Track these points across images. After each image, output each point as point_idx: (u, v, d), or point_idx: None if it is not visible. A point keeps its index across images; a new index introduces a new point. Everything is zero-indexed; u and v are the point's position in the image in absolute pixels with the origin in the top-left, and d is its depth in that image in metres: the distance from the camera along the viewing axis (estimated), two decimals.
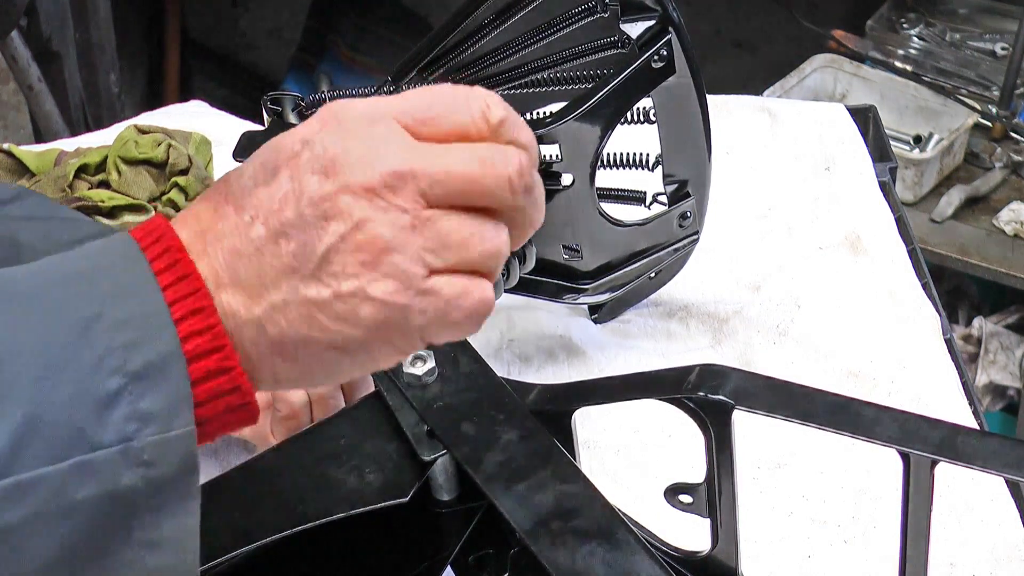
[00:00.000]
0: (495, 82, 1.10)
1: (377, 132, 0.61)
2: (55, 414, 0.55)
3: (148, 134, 1.28)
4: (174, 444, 0.57)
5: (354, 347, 0.61)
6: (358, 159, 0.60)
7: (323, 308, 0.60)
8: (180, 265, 0.59)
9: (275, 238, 0.60)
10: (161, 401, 0.57)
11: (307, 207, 0.60)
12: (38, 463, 0.54)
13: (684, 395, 0.77)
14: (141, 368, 0.56)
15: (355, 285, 0.60)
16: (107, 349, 0.56)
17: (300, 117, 1.08)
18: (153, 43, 3.24)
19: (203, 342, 0.58)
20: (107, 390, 0.56)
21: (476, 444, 0.77)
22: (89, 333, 0.56)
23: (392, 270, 0.60)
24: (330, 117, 0.63)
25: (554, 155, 0.98)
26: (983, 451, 0.70)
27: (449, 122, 0.62)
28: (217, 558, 0.74)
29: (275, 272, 0.60)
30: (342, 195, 0.59)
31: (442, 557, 0.79)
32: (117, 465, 0.56)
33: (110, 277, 0.58)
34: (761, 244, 1.29)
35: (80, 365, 0.56)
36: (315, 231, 0.59)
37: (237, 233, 0.60)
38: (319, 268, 0.60)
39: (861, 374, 1.14)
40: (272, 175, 0.61)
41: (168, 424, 0.57)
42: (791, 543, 1.00)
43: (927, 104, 2.37)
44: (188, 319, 0.58)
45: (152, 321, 0.57)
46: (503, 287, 1.02)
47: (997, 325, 2.34)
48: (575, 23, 1.05)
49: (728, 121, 1.43)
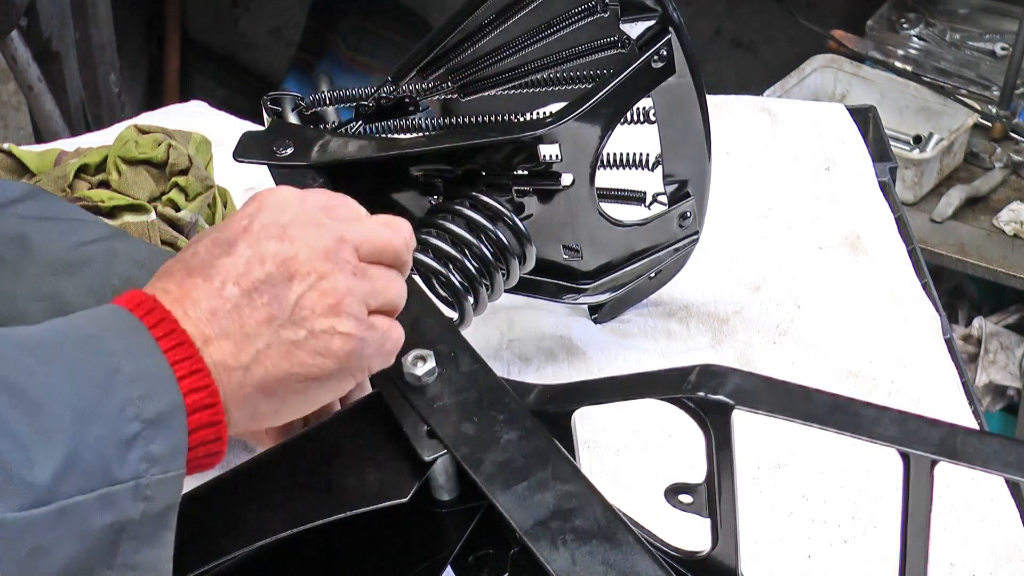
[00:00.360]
0: (495, 82, 1.10)
1: (309, 208, 0.77)
2: (89, 451, 0.64)
3: (148, 134, 1.27)
4: (169, 483, 0.67)
5: (327, 377, 0.75)
6: (306, 225, 0.75)
7: (301, 346, 0.73)
8: (176, 333, 0.70)
9: (249, 295, 0.72)
10: (166, 446, 0.67)
11: (272, 266, 0.73)
12: (74, 492, 0.63)
13: (684, 395, 0.77)
14: (154, 416, 0.66)
15: (327, 324, 0.74)
16: (126, 399, 0.66)
17: (300, 117, 1.08)
18: (153, 43, 3.24)
19: (200, 398, 0.69)
20: (128, 433, 0.65)
21: (476, 444, 0.77)
22: (110, 384, 0.66)
23: (350, 310, 0.75)
24: (266, 198, 0.77)
25: (554, 155, 0.98)
26: (983, 451, 0.71)
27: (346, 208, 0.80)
28: (217, 558, 0.74)
29: (255, 322, 0.72)
30: (302, 256, 0.74)
31: (442, 557, 0.79)
32: (128, 498, 0.65)
33: (120, 339, 0.68)
34: (761, 244, 1.29)
35: (107, 411, 0.65)
36: (283, 285, 0.73)
37: (212, 296, 0.72)
38: (293, 314, 0.73)
39: (861, 374, 1.14)
40: (229, 247, 0.74)
41: (168, 466, 0.67)
42: (791, 543, 1.00)
43: (927, 104, 2.37)
44: (188, 378, 0.69)
45: (160, 378, 0.68)
46: (502, 288, 1.02)
47: (997, 325, 2.34)
48: (575, 23, 1.05)
49: (728, 121, 1.43)
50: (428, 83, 1.09)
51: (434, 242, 0.97)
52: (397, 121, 1.09)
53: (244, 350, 0.72)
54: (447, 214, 0.99)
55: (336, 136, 1.02)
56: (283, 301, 0.73)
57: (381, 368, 0.79)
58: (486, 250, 0.99)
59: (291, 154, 1.00)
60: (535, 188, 1.01)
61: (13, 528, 0.61)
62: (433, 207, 1.02)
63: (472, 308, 1.00)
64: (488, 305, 1.01)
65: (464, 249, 0.98)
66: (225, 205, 1.30)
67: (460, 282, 0.98)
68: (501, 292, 1.02)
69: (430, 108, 1.11)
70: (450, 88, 1.10)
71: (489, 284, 1.00)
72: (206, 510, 0.78)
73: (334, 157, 0.99)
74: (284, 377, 0.73)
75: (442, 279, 0.98)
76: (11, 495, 0.61)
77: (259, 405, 0.73)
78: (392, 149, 1.00)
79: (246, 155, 1.02)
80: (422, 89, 1.09)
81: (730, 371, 0.78)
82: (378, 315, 0.77)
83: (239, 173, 1.18)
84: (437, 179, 1.02)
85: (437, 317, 0.87)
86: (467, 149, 0.99)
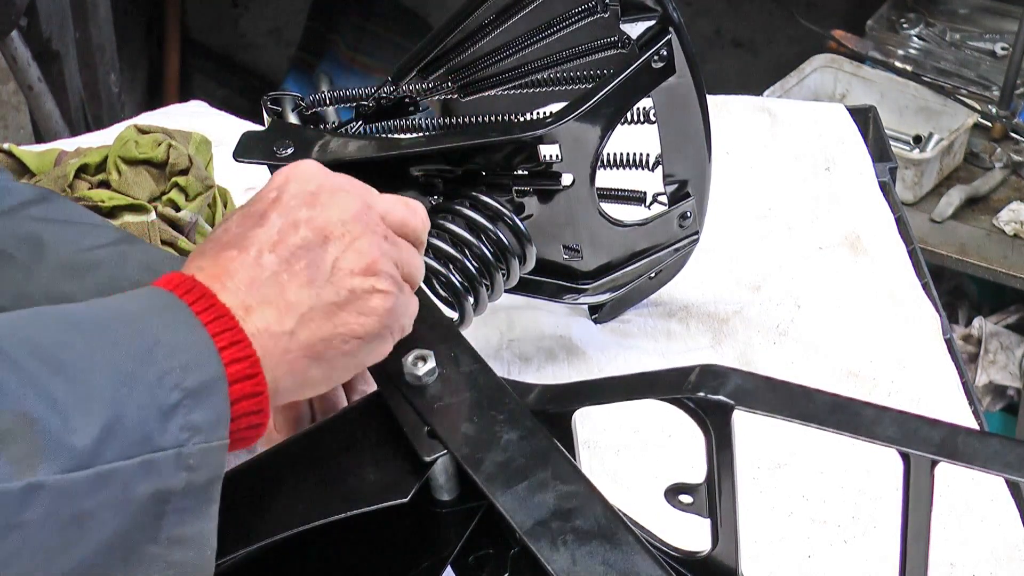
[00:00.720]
0: (495, 82, 1.10)
1: (334, 179, 0.79)
2: (130, 417, 0.64)
3: (148, 134, 1.27)
4: (213, 454, 0.67)
5: (370, 335, 0.76)
6: (334, 191, 0.77)
7: (344, 307, 0.75)
8: (215, 307, 0.70)
9: (287, 261, 0.74)
10: (208, 415, 0.67)
11: (306, 231, 0.75)
12: (115, 458, 0.63)
13: (684, 395, 0.77)
14: (196, 386, 0.67)
15: (367, 283, 0.75)
16: (167, 369, 0.66)
17: (300, 117, 1.08)
18: (153, 43, 3.24)
19: (242, 368, 0.70)
20: (169, 402, 0.66)
21: (476, 444, 0.77)
22: (151, 356, 0.66)
23: (386, 268, 0.77)
24: (292, 170, 0.79)
25: (554, 155, 0.98)
26: (983, 451, 0.70)
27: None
28: (218, 558, 0.74)
29: (296, 286, 0.73)
30: (334, 219, 0.76)
31: (442, 557, 0.79)
32: (170, 467, 0.65)
33: (159, 316, 0.69)
34: (761, 244, 1.29)
35: (147, 380, 0.65)
36: (319, 248, 0.75)
37: (249, 266, 0.73)
38: (332, 275, 0.74)
39: (861, 374, 1.14)
40: (261, 219, 0.75)
41: (211, 435, 0.67)
42: (791, 543, 1.00)
43: (927, 104, 2.37)
44: (229, 348, 0.69)
45: (201, 349, 0.68)
46: (502, 288, 1.02)
47: (997, 325, 2.34)
48: (575, 23, 1.05)
49: (728, 121, 1.43)
50: (428, 83, 1.09)
51: (434, 242, 0.97)
52: (397, 121, 1.09)
53: (287, 315, 0.72)
54: (447, 214, 0.99)
55: (336, 136, 1.02)
56: (321, 264, 0.74)
57: (402, 336, 0.80)
58: (486, 250, 0.99)
59: (291, 154, 1.00)
60: (535, 188, 1.01)
61: (54, 491, 0.61)
62: (433, 207, 1.02)
63: (472, 308, 1.00)
64: (488, 305, 1.01)
65: (464, 249, 0.98)
66: (225, 205, 1.30)
67: (460, 282, 0.98)
68: (501, 292, 1.02)
69: (430, 108, 1.11)
70: (450, 88, 1.10)
71: (489, 284, 1.00)
72: None
73: (334, 157, 0.99)
74: (330, 338, 0.74)
75: (442, 279, 0.98)
76: (51, 458, 0.61)
77: (308, 370, 0.74)
78: (392, 149, 1.00)
79: (246, 155, 1.02)
80: (422, 89, 1.09)
81: (730, 371, 0.78)
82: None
83: (239, 173, 1.18)
84: (437, 179, 1.02)
85: (437, 317, 0.87)
86: (467, 149, 0.99)
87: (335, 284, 0.74)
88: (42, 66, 2.20)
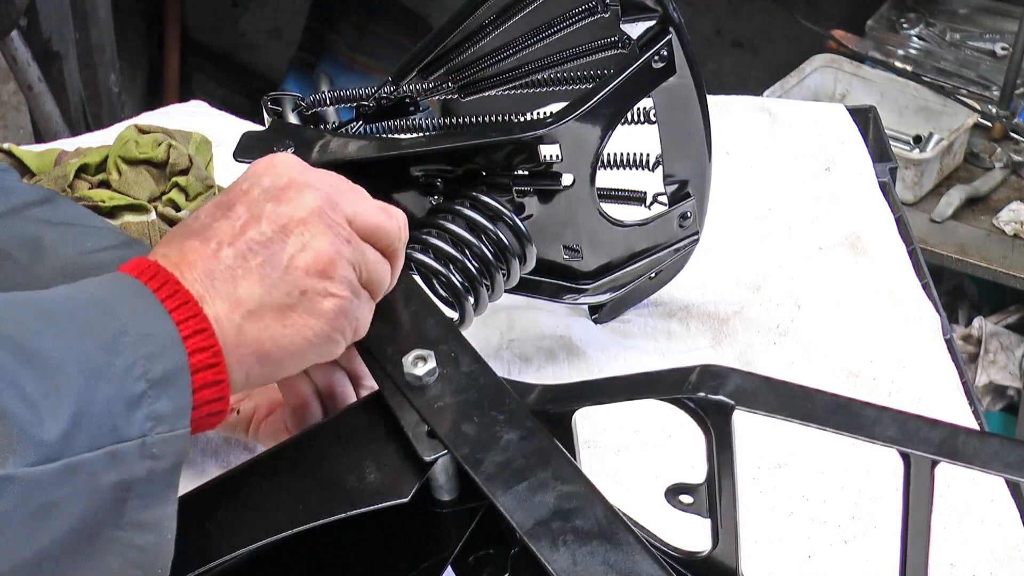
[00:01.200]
0: (495, 82, 1.10)
1: (311, 172, 0.79)
2: (97, 409, 0.65)
3: (148, 134, 1.28)
4: (175, 442, 0.68)
5: (318, 338, 0.76)
6: (302, 187, 0.77)
7: (294, 307, 0.75)
8: (179, 294, 0.71)
9: (243, 256, 0.74)
10: (172, 404, 0.68)
11: (267, 226, 0.75)
12: (82, 449, 0.64)
13: (684, 395, 0.77)
14: (160, 376, 0.67)
15: (320, 285, 0.75)
16: (134, 359, 0.67)
17: (300, 117, 1.08)
18: (153, 43, 3.24)
19: (204, 358, 0.70)
20: (134, 392, 0.66)
21: (476, 444, 0.77)
22: (118, 345, 0.67)
23: (342, 272, 0.76)
24: (268, 163, 0.79)
25: (554, 155, 0.98)
26: (983, 451, 0.70)
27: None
28: (217, 558, 0.74)
29: (248, 283, 0.73)
30: (296, 214, 0.75)
31: (442, 557, 0.79)
32: (135, 456, 0.66)
33: (126, 303, 0.69)
34: (761, 244, 1.29)
35: (114, 370, 0.66)
36: (277, 245, 0.74)
37: (208, 258, 0.73)
38: (286, 274, 0.74)
39: (861, 374, 1.14)
40: (227, 210, 0.76)
41: (174, 424, 0.68)
42: (791, 543, 1.00)
43: (927, 104, 2.37)
44: (193, 337, 0.70)
45: (165, 337, 0.69)
46: (502, 288, 1.02)
47: (997, 325, 2.34)
48: (576, 23, 1.05)
49: (728, 121, 1.43)
50: (428, 83, 1.09)
51: (434, 242, 0.97)
52: (397, 121, 1.09)
53: (236, 310, 0.73)
54: (447, 214, 0.99)
55: (336, 136, 1.02)
56: (276, 261, 0.74)
57: (352, 342, 0.80)
58: (486, 250, 0.99)
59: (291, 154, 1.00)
60: (535, 188, 1.01)
61: (23, 483, 0.61)
62: (433, 207, 1.02)
63: (472, 308, 1.00)
64: (488, 305, 1.01)
65: (464, 249, 0.98)
66: None
67: (460, 282, 0.98)
68: (501, 292, 1.02)
69: (430, 108, 1.11)
70: (450, 88, 1.10)
71: (489, 284, 1.00)
72: (207, 509, 0.78)
73: (334, 157, 0.99)
74: (277, 337, 0.74)
75: (442, 279, 0.98)
76: (21, 451, 0.61)
77: (253, 366, 0.74)
78: (392, 149, 1.00)
79: (246, 155, 1.02)
80: (422, 89, 1.09)
81: (730, 371, 0.78)
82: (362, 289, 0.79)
83: (239, 173, 1.18)
84: (437, 179, 1.02)
85: (438, 317, 0.87)
86: (467, 149, 0.99)
87: (288, 283, 0.74)
88: (42, 66, 2.20)
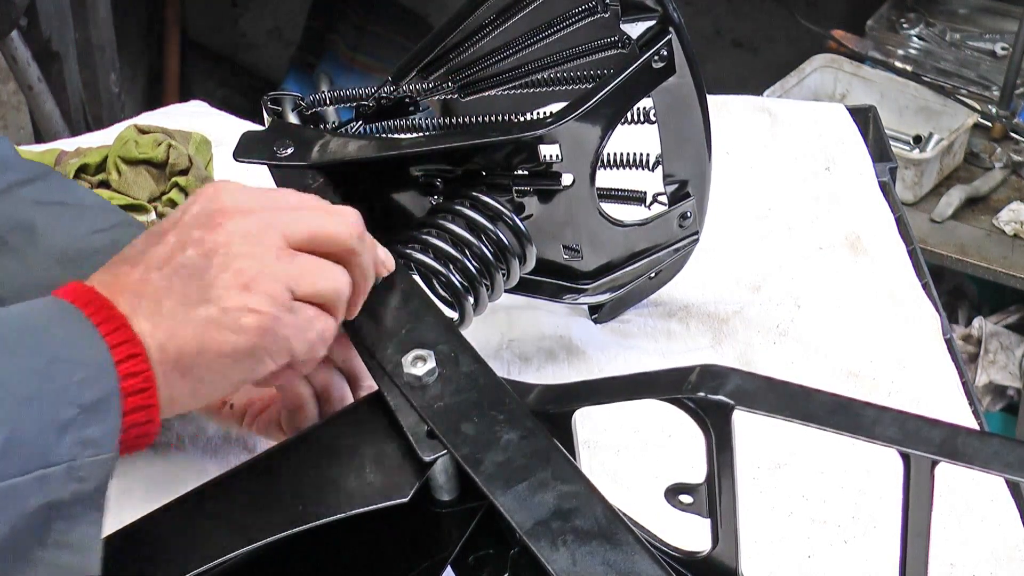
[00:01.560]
0: (495, 82, 1.10)
1: (246, 196, 0.79)
2: (29, 434, 0.66)
3: (148, 134, 1.28)
4: (101, 465, 0.69)
5: (240, 354, 0.75)
6: (232, 213, 0.77)
7: (213, 322, 0.75)
8: (114, 319, 0.72)
9: (168, 279, 0.75)
10: (101, 429, 0.69)
11: (192, 251, 0.76)
12: (13, 474, 0.65)
13: (684, 395, 0.77)
14: (91, 402, 0.68)
15: (239, 301, 0.75)
16: (65, 384, 0.68)
17: (300, 117, 1.08)
18: (153, 43, 3.24)
19: (136, 382, 0.71)
20: (65, 418, 0.67)
21: (476, 444, 0.77)
22: (52, 370, 0.68)
23: (265, 288, 0.76)
24: (205, 190, 0.79)
25: (554, 155, 0.98)
26: (983, 451, 0.70)
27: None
28: (217, 558, 0.74)
29: (172, 303, 0.74)
30: (220, 239, 0.76)
31: (442, 557, 0.79)
32: (61, 479, 0.67)
33: (62, 327, 0.71)
34: (761, 244, 1.29)
35: (46, 396, 0.67)
36: (202, 267, 0.75)
37: (136, 282, 0.75)
38: (207, 292, 0.75)
39: (861, 374, 1.14)
40: (159, 238, 0.77)
41: (102, 448, 0.69)
42: (791, 543, 1.00)
43: (927, 104, 2.37)
44: (126, 362, 0.71)
45: (99, 364, 0.70)
46: (502, 288, 1.02)
47: (997, 325, 2.34)
48: (575, 23, 1.05)
49: (728, 121, 1.43)
50: (428, 83, 1.09)
51: (434, 242, 0.97)
52: (397, 121, 1.09)
53: (159, 328, 0.73)
54: (447, 214, 0.99)
55: (336, 136, 1.02)
56: (199, 282, 0.75)
57: (307, 358, 0.80)
58: (486, 250, 0.99)
59: (291, 154, 1.00)
60: (535, 188, 1.01)
61: None
62: (433, 207, 1.02)
63: (472, 308, 1.00)
64: (488, 305, 1.01)
65: (464, 249, 0.98)
66: None
67: (460, 282, 0.98)
68: (501, 292, 1.02)
69: (430, 108, 1.11)
70: (450, 88, 1.10)
71: (489, 284, 1.00)
72: (206, 509, 0.78)
73: (334, 157, 0.99)
74: (196, 353, 0.74)
75: (442, 279, 0.98)
76: None
77: (174, 387, 0.74)
78: (392, 149, 1.00)
79: (246, 155, 1.02)
80: (422, 89, 1.09)
81: (730, 371, 0.78)
82: (306, 304, 0.78)
83: (239, 173, 1.18)
84: (437, 179, 1.02)
85: (437, 317, 0.87)
86: (467, 149, 0.99)
87: (208, 301, 0.74)
88: (42, 66, 2.20)
